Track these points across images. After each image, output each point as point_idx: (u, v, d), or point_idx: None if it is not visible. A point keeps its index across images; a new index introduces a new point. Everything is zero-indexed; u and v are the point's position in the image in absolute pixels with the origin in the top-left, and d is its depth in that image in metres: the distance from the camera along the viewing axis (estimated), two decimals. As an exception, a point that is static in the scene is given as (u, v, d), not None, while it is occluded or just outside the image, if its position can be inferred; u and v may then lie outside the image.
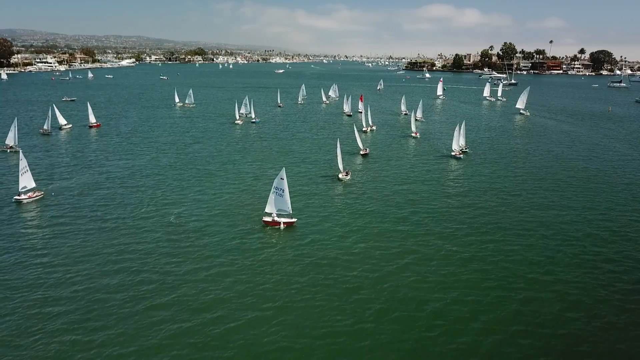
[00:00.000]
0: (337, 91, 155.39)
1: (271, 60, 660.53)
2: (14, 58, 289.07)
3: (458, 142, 67.50)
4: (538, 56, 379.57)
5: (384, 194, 49.09)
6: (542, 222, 41.47)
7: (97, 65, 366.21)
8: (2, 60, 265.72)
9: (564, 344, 24.77)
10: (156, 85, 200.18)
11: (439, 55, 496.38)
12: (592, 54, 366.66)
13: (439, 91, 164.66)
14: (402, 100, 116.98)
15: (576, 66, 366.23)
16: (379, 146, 74.38)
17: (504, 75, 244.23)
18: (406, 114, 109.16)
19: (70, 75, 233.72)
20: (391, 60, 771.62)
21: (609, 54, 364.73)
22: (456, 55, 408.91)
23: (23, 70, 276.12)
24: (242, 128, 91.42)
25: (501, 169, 60.88)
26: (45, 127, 79.34)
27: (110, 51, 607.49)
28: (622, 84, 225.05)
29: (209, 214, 42.23)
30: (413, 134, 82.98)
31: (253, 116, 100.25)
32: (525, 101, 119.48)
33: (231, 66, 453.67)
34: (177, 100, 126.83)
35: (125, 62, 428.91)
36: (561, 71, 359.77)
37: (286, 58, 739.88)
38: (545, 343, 24.82)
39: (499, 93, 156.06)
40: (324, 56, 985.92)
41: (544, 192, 50.62)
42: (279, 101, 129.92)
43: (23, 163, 44.74)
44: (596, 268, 33.10)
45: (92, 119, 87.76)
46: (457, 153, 66.67)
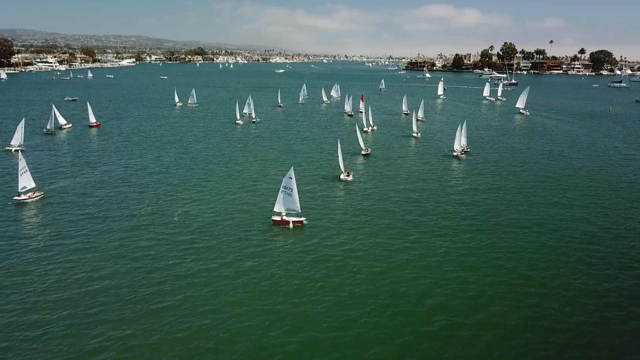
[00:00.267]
0: (339, 91, 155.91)
1: (271, 60, 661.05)
2: (14, 58, 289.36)
3: (460, 142, 67.89)
4: (538, 56, 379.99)
5: (386, 194, 49.53)
6: (542, 221, 41.96)
7: (98, 65, 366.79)
8: (3, 60, 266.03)
9: (563, 338, 25.26)
10: (156, 85, 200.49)
11: (439, 55, 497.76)
12: (592, 54, 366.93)
13: (440, 91, 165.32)
14: (403, 100, 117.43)
15: (576, 66, 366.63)
16: (381, 146, 74.81)
17: (504, 75, 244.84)
18: (407, 114, 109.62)
19: (70, 75, 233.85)
20: (391, 60, 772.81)
21: (609, 54, 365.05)
22: (456, 55, 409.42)
23: (23, 70, 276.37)
24: (244, 128, 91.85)
25: (502, 169, 61.32)
26: (48, 127, 79.78)
27: (110, 51, 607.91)
28: (622, 84, 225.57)
29: (215, 214, 42.43)
30: (414, 134, 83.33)
31: (254, 116, 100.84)
32: (525, 101, 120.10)
33: (231, 66, 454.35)
34: (177, 100, 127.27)
35: (125, 62, 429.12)
36: (561, 71, 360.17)
37: (286, 58, 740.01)
38: (544, 338, 25.29)
39: (499, 93, 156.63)
40: (324, 56, 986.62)
41: (544, 192, 51.09)
42: (280, 101, 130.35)
43: (22, 163, 44.72)
44: (595, 265, 33.62)
45: (92, 119, 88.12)
46: (459, 153, 67.12)
